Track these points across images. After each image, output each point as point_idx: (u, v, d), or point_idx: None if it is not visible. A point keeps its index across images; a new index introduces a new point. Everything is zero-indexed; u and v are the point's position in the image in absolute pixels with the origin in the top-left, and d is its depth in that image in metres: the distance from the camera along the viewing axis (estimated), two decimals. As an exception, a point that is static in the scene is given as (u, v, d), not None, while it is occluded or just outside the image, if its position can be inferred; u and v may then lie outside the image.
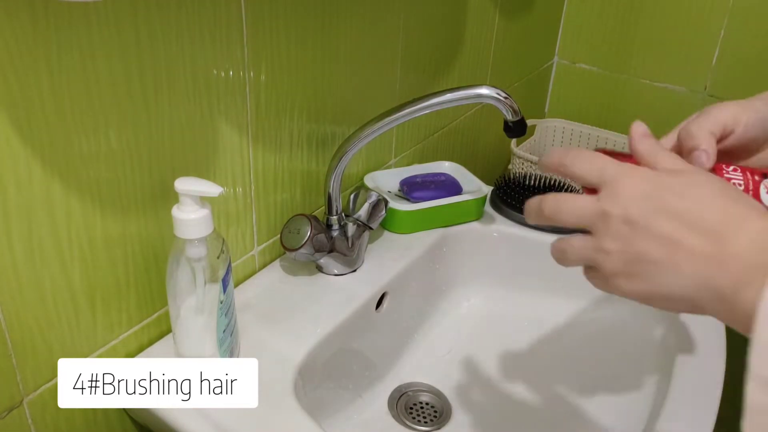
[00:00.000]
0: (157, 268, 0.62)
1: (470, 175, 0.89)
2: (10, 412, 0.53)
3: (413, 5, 0.83)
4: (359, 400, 0.73)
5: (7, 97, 0.45)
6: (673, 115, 1.24)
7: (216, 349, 0.57)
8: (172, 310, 0.56)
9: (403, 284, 0.78)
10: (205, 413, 0.56)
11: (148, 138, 0.56)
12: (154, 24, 0.53)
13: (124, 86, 0.52)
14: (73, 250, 0.54)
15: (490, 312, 0.86)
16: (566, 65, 1.33)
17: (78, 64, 0.49)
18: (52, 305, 0.54)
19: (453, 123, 1.04)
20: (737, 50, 1.14)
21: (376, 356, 0.76)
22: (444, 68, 0.96)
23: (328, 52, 0.72)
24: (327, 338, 0.66)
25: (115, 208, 0.56)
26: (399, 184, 0.87)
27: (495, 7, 1.03)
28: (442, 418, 0.73)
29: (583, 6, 1.27)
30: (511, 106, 0.67)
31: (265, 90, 0.66)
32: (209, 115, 0.61)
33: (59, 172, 0.50)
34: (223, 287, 0.55)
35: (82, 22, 0.48)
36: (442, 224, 0.84)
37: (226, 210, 0.67)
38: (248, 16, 0.61)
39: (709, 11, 1.14)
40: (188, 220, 0.52)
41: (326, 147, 0.78)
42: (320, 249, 0.70)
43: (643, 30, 1.22)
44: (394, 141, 0.90)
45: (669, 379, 0.66)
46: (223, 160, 0.64)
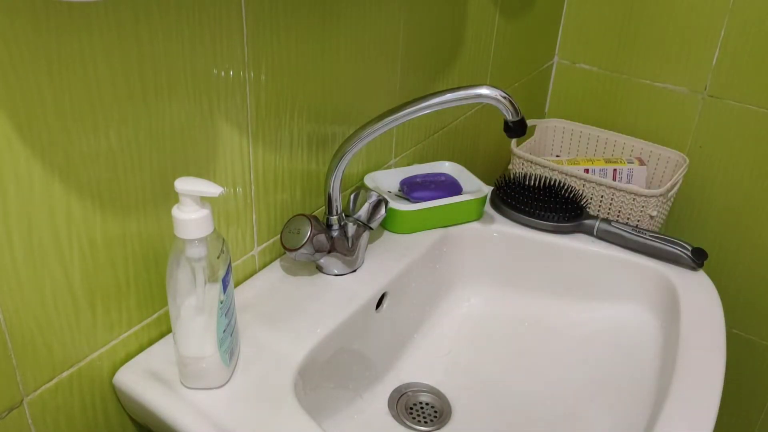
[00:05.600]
0: (157, 268, 0.62)
1: (470, 175, 0.89)
2: (10, 412, 0.53)
3: (413, 5, 0.83)
4: (359, 400, 0.73)
5: (7, 97, 0.45)
6: (673, 115, 1.24)
7: (216, 349, 0.57)
8: (172, 310, 0.56)
9: (403, 284, 0.78)
10: (205, 413, 0.56)
11: (148, 138, 0.56)
12: (155, 24, 0.53)
13: (125, 86, 0.53)
14: (73, 250, 0.54)
15: (490, 312, 0.86)
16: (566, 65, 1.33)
17: (78, 64, 0.49)
18: (52, 305, 0.54)
19: (453, 123, 1.04)
20: (737, 50, 1.14)
21: (376, 356, 0.76)
22: (444, 68, 0.96)
23: (328, 52, 0.72)
24: (327, 338, 0.66)
25: (115, 208, 0.56)
26: (399, 184, 0.87)
27: (495, 7, 1.03)
28: (442, 418, 0.73)
29: (583, 6, 1.27)
30: (511, 106, 0.67)
31: (265, 90, 0.66)
32: (209, 115, 0.61)
33: (59, 172, 0.50)
34: (223, 287, 0.55)
35: (83, 22, 0.48)
36: (442, 224, 0.85)
37: (226, 210, 0.67)
38: (248, 16, 0.61)
39: (709, 11, 1.14)
40: (188, 220, 0.52)
41: (326, 147, 0.78)
42: (320, 249, 0.70)
43: (643, 30, 1.22)
44: (394, 141, 0.90)
45: (669, 379, 0.66)
46: (223, 160, 0.64)
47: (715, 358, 0.68)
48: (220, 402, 0.58)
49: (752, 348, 1.34)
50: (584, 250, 0.84)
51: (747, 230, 1.25)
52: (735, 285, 1.30)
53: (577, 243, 0.85)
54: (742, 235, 1.26)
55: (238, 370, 0.61)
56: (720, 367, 0.67)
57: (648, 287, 0.82)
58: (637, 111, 1.28)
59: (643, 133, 1.27)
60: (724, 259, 1.29)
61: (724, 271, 1.30)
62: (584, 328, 0.83)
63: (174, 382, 0.59)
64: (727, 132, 1.19)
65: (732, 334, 1.34)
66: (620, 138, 1.24)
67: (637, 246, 0.82)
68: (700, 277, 0.80)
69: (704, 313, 0.75)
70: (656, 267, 0.81)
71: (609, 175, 1.15)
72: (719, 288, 0.81)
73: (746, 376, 1.37)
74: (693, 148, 1.24)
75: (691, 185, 1.27)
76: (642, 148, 1.22)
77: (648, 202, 1.06)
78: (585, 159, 1.17)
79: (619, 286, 0.84)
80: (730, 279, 1.30)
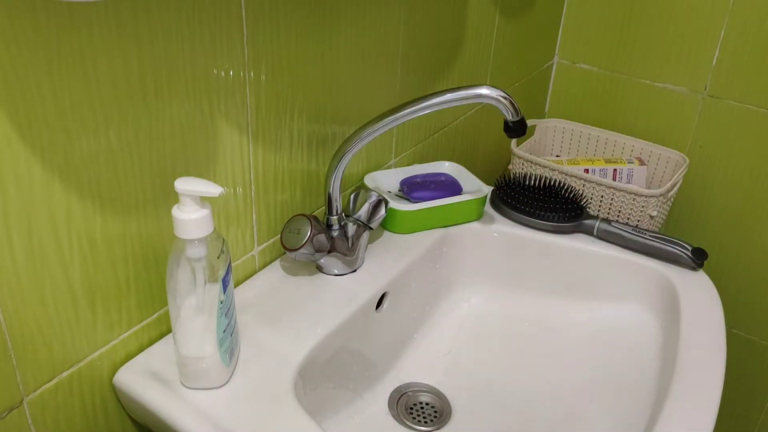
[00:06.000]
0: (157, 268, 0.62)
1: (470, 175, 0.89)
2: (10, 412, 0.53)
3: (413, 5, 0.83)
4: (359, 400, 0.73)
5: (7, 97, 0.45)
6: (673, 115, 1.24)
7: (216, 349, 0.57)
8: (172, 310, 0.56)
9: (403, 284, 0.78)
10: (205, 413, 0.56)
11: (148, 138, 0.56)
12: (155, 24, 0.53)
13: (125, 86, 0.53)
14: (73, 250, 0.54)
15: (490, 312, 0.86)
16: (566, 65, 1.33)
17: (78, 64, 0.49)
18: (52, 305, 0.54)
19: (453, 123, 1.04)
20: (737, 50, 1.14)
21: (376, 356, 0.76)
22: (444, 68, 0.96)
23: (328, 52, 0.72)
24: (327, 338, 0.66)
25: (115, 208, 0.56)
26: (399, 184, 0.87)
27: (495, 7, 1.03)
28: (442, 418, 0.73)
29: (583, 6, 1.27)
30: (511, 106, 0.67)
31: (265, 90, 0.66)
32: (209, 115, 0.61)
33: (59, 171, 0.50)
34: (223, 287, 0.55)
35: (83, 22, 0.48)
36: (442, 224, 0.85)
37: (226, 210, 0.67)
38: (248, 16, 0.61)
39: (709, 11, 1.14)
40: (188, 220, 0.52)
41: (326, 147, 0.78)
42: (320, 249, 0.70)
43: (643, 30, 1.22)
44: (394, 141, 0.90)
45: (669, 379, 0.66)
46: (223, 160, 0.64)
47: (715, 358, 0.68)
48: (220, 402, 0.58)
49: (752, 348, 1.34)
50: (584, 250, 0.84)
51: (747, 230, 1.25)
52: (735, 285, 1.30)
53: (577, 243, 0.85)
54: (742, 235, 1.26)
55: (238, 370, 0.61)
56: (720, 367, 0.67)
57: (648, 287, 0.82)
58: (637, 111, 1.28)
59: (643, 133, 1.27)
60: (724, 259, 1.29)
61: (724, 271, 1.30)
62: (584, 328, 0.83)
63: (174, 382, 0.59)
64: (727, 132, 1.19)
65: (732, 334, 1.34)
66: (620, 138, 1.24)
67: (637, 246, 0.82)
68: (700, 277, 0.80)
69: (704, 313, 0.75)
70: (656, 267, 0.81)
71: (609, 175, 1.15)
72: (719, 288, 0.81)
73: (746, 376, 1.37)
74: (693, 148, 1.24)
75: (691, 185, 1.27)
76: (642, 148, 1.22)
77: (648, 202, 1.06)
78: (585, 159, 1.17)
79: (619, 286, 0.84)
80: (730, 279, 1.30)
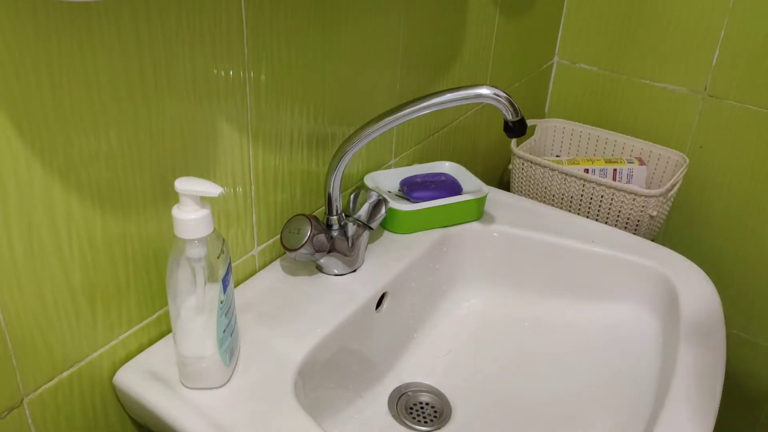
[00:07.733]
0: (157, 268, 0.62)
1: (470, 175, 0.89)
2: (10, 412, 0.53)
3: (413, 5, 0.83)
4: (359, 400, 0.73)
5: (7, 97, 0.45)
6: (673, 115, 1.24)
7: (216, 349, 0.57)
8: (172, 310, 0.56)
9: (403, 284, 0.78)
10: (205, 413, 0.56)
11: (148, 138, 0.56)
12: (155, 24, 0.53)
13: (125, 86, 0.53)
14: (73, 250, 0.54)
15: (490, 312, 0.86)
16: (566, 65, 1.33)
17: (78, 64, 0.49)
18: (52, 305, 0.54)
19: (453, 123, 1.04)
20: (737, 50, 1.14)
21: (376, 356, 0.76)
22: (444, 68, 0.96)
23: (328, 52, 0.72)
24: (327, 338, 0.66)
25: (115, 208, 0.56)
26: (399, 184, 0.87)
27: (495, 7, 1.03)
28: (442, 418, 0.73)
29: (583, 6, 1.27)
30: (511, 106, 0.67)
31: (265, 90, 0.66)
32: (209, 115, 0.61)
33: (59, 172, 0.50)
34: (223, 287, 0.55)
35: (83, 22, 0.48)
36: (442, 224, 0.84)
37: (226, 210, 0.67)
38: (248, 16, 0.61)
39: (709, 11, 1.14)
40: (188, 220, 0.52)
41: (326, 147, 0.78)
42: (320, 249, 0.70)
43: (643, 30, 1.22)
44: (394, 141, 0.90)
45: (669, 379, 0.66)
46: (223, 160, 0.64)
47: (715, 358, 0.68)
48: (220, 402, 0.58)
49: (752, 348, 1.34)
50: (584, 251, 0.84)
51: (747, 230, 1.25)
52: (735, 285, 1.30)
53: (577, 243, 0.85)
54: (742, 235, 1.26)
55: (238, 370, 0.61)
56: (720, 367, 0.67)
57: (648, 287, 0.82)
58: (637, 111, 1.28)
59: (643, 133, 1.27)
60: (724, 259, 1.29)
61: (724, 272, 1.30)
62: (584, 329, 0.83)
63: (174, 382, 0.59)
64: (727, 132, 1.19)
65: (732, 334, 1.34)
66: (620, 138, 1.24)
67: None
68: (700, 277, 0.80)
69: (704, 313, 0.75)
70: (656, 267, 0.81)
71: (609, 175, 1.15)
72: (719, 288, 0.81)
73: (746, 376, 1.37)
74: (693, 148, 1.24)
75: (691, 185, 1.27)
76: (642, 148, 1.22)
77: (648, 202, 1.06)
78: (585, 159, 1.17)
79: (619, 286, 0.84)
80: (730, 279, 1.30)
